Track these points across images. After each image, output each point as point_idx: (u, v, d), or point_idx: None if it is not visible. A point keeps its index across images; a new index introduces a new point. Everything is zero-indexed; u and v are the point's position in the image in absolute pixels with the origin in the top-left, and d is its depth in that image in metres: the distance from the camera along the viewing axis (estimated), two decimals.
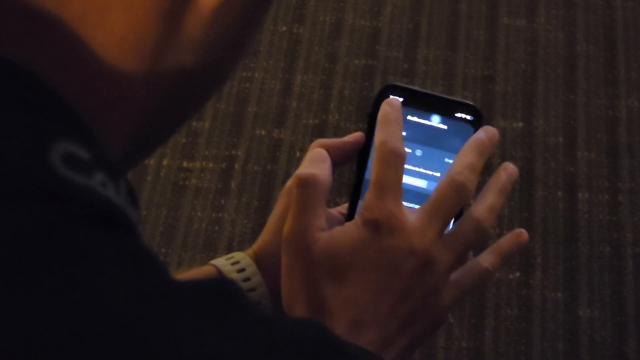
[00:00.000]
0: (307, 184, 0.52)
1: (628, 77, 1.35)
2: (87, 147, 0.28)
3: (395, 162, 0.50)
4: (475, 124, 0.61)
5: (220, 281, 0.29)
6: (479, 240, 0.52)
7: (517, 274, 1.18)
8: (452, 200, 0.51)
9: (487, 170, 1.25)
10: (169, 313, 0.26)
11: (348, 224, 0.51)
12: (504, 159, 1.27)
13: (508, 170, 0.56)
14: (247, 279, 0.58)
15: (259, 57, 1.38)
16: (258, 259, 0.59)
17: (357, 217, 0.51)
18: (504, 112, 1.32)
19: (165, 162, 1.28)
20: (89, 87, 0.30)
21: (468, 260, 0.55)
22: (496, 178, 0.56)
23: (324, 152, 0.56)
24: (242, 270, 0.58)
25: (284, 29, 1.41)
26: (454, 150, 0.61)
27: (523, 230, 0.57)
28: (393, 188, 0.50)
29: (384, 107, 0.54)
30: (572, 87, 1.34)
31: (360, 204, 0.55)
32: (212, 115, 1.32)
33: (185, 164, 1.28)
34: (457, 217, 0.57)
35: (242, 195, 1.26)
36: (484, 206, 0.54)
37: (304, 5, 1.43)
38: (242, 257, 0.59)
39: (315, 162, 0.54)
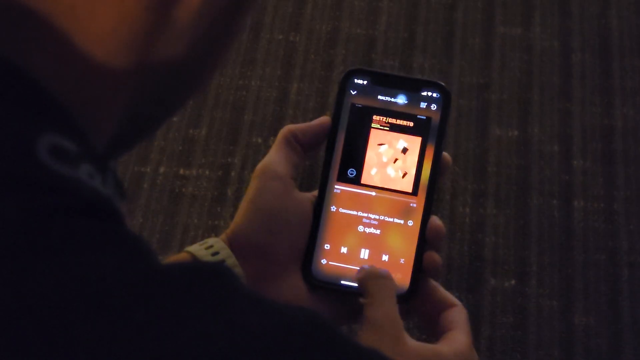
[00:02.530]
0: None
1: (623, 85, 1.36)
2: (74, 140, 0.28)
3: None
4: (443, 102, 0.62)
5: (209, 264, 0.29)
6: None
7: (513, 281, 1.18)
8: None
9: (481, 177, 1.25)
10: (158, 298, 0.26)
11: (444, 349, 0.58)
12: (499, 167, 1.28)
13: None
14: (221, 262, 0.59)
15: (256, 65, 1.38)
16: (232, 242, 0.60)
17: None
18: (500, 120, 1.33)
19: (161, 170, 1.28)
20: (79, 79, 0.31)
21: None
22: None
23: None
24: (216, 253, 0.59)
25: (280, 37, 1.41)
26: (421, 134, 0.61)
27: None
28: None
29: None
30: (568, 95, 1.35)
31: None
32: (209, 123, 1.32)
33: (181, 171, 1.28)
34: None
35: (238, 203, 1.25)
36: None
37: (300, 14, 1.44)
38: (216, 242, 0.59)
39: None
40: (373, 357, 0.30)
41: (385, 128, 0.62)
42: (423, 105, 0.62)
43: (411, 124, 0.62)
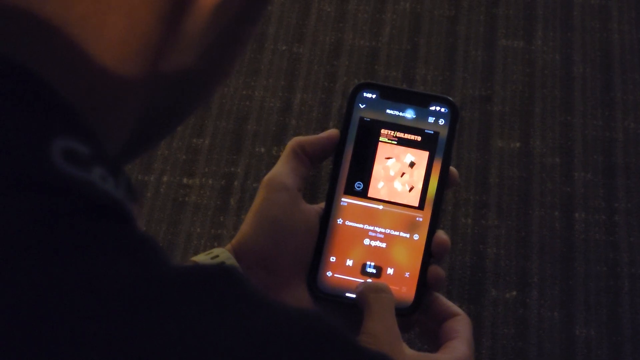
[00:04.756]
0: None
1: (624, 99, 1.36)
2: (87, 143, 0.29)
3: None
4: (450, 117, 0.62)
5: (220, 267, 0.30)
6: None
7: (514, 293, 1.18)
8: None
9: (483, 188, 1.26)
10: (166, 299, 0.27)
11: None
12: (501, 179, 1.28)
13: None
14: (230, 266, 0.59)
15: (260, 75, 1.39)
16: (237, 252, 0.60)
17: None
18: (502, 132, 1.33)
19: (165, 179, 1.29)
20: (91, 88, 0.31)
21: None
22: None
23: None
24: (221, 263, 0.59)
25: (284, 48, 1.42)
26: (429, 148, 0.62)
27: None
28: None
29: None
30: (569, 108, 1.36)
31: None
32: (212, 133, 1.33)
33: (185, 180, 1.29)
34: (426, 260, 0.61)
35: (241, 212, 1.26)
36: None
37: (304, 25, 1.45)
38: (221, 252, 0.60)
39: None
40: (379, 359, 0.30)
41: (393, 142, 0.62)
42: (431, 119, 0.62)
43: (419, 138, 0.62)
